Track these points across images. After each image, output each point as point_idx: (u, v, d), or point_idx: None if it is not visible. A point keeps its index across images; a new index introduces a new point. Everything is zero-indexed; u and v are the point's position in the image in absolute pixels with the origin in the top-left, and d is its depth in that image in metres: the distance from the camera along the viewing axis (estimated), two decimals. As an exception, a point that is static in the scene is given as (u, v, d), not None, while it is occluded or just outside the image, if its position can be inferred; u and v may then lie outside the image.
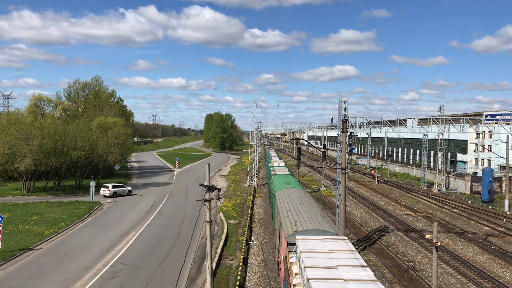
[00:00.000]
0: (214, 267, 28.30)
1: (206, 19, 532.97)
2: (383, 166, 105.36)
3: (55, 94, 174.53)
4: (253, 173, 77.95)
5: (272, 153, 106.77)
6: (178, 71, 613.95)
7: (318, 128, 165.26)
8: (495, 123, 71.48)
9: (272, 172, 55.51)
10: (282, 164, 70.45)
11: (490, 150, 72.75)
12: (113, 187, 58.95)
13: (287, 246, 20.38)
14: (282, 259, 22.52)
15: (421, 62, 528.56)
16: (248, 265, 30.39)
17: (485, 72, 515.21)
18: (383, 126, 62.49)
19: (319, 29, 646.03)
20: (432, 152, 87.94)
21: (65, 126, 66.50)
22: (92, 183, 53.95)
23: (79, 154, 60.32)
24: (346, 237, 19.81)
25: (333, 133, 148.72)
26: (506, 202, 52.96)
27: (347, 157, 37.58)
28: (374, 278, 14.53)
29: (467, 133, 73.97)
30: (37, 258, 30.61)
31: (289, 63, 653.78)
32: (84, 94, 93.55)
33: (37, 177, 62.06)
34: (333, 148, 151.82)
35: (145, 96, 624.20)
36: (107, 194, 58.06)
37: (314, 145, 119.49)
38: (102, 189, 59.08)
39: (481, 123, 69.69)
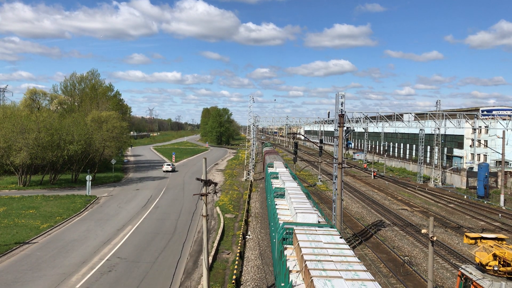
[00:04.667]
0: (210, 261, 28.32)
1: (200, 12, 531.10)
2: (379, 161, 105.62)
3: (51, 87, 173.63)
4: (249, 168, 77.97)
5: (279, 166, 54.49)
6: (173, 65, 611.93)
7: (315, 122, 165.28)
8: (492, 118, 71.63)
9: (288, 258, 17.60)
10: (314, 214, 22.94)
11: (486, 145, 72.97)
12: (172, 165, 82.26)
13: None
14: None
15: (416, 57, 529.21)
16: (245, 259, 30.45)
17: (480, 67, 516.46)
18: (379, 121, 62.41)
19: (313, 23, 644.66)
20: (429, 147, 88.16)
21: (61, 120, 66.22)
22: (88, 177, 53.81)
23: (75, 148, 60.12)
24: None
25: (330, 127, 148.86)
26: (502, 197, 53.20)
27: (344, 152, 37.59)
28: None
29: (464, 128, 74.09)
30: (33, 251, 30.56)
31: (284, 58, 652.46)
32: (80, 88, 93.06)
33: (33, 170, 61.83)
34: (329, 143, 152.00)
35: (140, 90, 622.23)
36: (170, 169, 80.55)
37: (311, 140, 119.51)
38: (165, 166, 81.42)
39: (477, 118, 69.76)
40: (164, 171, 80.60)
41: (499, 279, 17.32)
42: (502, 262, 17.62)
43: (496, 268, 17.47)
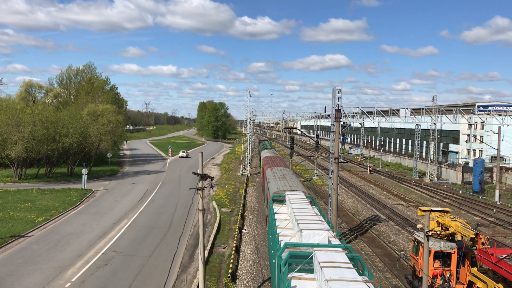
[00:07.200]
0: (206, 255, 28.36)
1: (194, 5, 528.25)
2: (375, 156, 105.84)
3: (47, 80, 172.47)
4: (246, 162, 77.98)
5: (303, 214, 22.46)
6: (168, 58, 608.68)
7: (311, 117, 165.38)
8: (488, 114, 71.83)
9: None
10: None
11: (482, 141, 73.23)
12: (186, 152, 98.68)
13: None
14: None
15: (411, 52, 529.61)
16: (241, 253, 30.51)
17: (475, 63, 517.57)
18: (376, 116, 62.52)
19: (309, 18, 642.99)
20: (425, 142, 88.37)
21: (56, 113, 65.87)
22: (84, 171, 53.63)
23: (71, 142, 59.88)
24: None
25: (326, 122, 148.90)
26: (497, 193, 53.46)
27: (340, 146, 37.58)
28: None
29: (460, 123, 74.31)
30: (29, 245, 30.48)
31: (280, 52, 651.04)
32: (76, 81, 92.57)
33: (28, 164, 61.56)
34: (326, 138, 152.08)
35: (136, 83, 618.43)
36: (184, 156, 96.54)
37: (307, 135, 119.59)
38: (180, 153, 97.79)
39: (473, 114, 70.00)
40: (180, 157, 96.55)
41: (439, 240, 22.24)
42: (444, 228, 22.38)
43: (438, 232, 22.20)
